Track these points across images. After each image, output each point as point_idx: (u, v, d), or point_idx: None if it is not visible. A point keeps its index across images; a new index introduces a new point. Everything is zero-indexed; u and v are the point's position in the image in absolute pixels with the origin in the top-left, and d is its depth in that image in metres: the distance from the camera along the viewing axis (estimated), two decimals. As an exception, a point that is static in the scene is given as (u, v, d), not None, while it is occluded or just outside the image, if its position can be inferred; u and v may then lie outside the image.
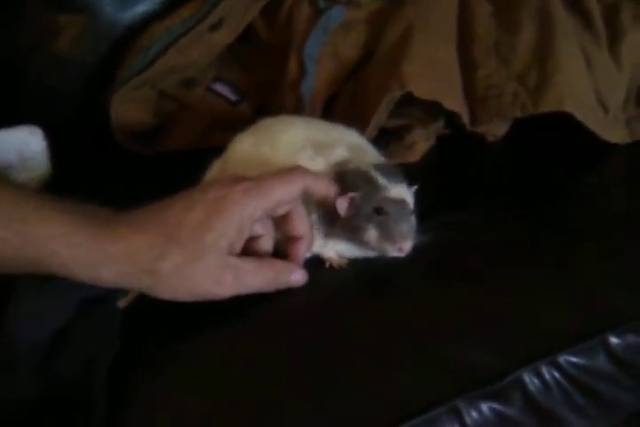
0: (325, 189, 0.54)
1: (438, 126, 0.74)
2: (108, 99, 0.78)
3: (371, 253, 0.57)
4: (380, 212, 0.54)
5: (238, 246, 0.51)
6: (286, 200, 0.52)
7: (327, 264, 0.58)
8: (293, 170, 0.52)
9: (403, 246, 0.54)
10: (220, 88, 0.82)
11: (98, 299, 0.53)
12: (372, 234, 0.54)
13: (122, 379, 0.51)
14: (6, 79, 0.85)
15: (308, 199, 0.56)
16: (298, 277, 0.54)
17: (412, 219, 0.55)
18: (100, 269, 0.48)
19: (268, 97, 0.80)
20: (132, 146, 0.80)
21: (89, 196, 0.52)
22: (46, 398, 0.49)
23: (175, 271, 0.49)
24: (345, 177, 0.55)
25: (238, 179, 0.51)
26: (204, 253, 0.49)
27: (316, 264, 0.57)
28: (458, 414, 0.47)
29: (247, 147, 0.61)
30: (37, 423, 0.49)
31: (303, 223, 0.55)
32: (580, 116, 0.66)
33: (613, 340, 0.52)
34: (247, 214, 0.50)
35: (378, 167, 0.56)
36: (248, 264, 0.51)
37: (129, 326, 0.54)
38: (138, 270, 0.49)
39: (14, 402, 0.49)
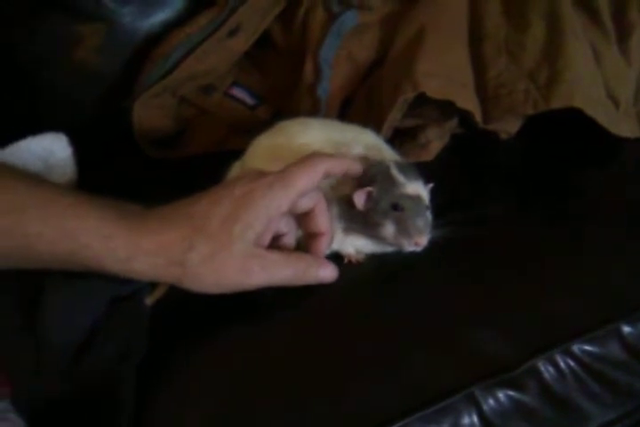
0: (347, 166, 0.55)
1: (452, 125, 0.76)
2: (130, 106, 0.81)
3: (388, 249, 0.59)
4: (397, 207, 0.56)
5: (266, 239, 0.53)
6: (311, 187, 0.53)
7: (346, 260, 0.59)
8: (311, 157, 0.54)
9: (419, 241, 0.56)
10: (238, 93, 0.84)
11: (126, 297, 0.55)
12: (389, 229, 0.56)
13: (150, 377, 0.53)
14: (29, 88, 0.87)
15: (327, 195, 0.58)
16: (328, 272, 0.55)
17: (428, 214, 0.57)
18: (132, 261, 0.50)
19: (285, 101, 0.81)
20: (153, 151, 0.82)
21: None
22: (76, 396, 0.51)
23: (203, 262, 0.50)
24: (364, 171, 0.57)
25: (262, 173, 0.53)
26: (231, 244, 0.50)
27: (335, 260, 0.58)
28: (475, 402, 0.48)
29: (265, 149, 0.63)
30: (66, 421, 0.51)
31: (326, 220, 0.56)
32: (589, 111, 0.67)
33: (626, 328, 0.53)
34: (274, 206, 0.51)
35: (395, 164, 0.58)
36: (276, 255, 0.53)
37: (157, 324, 0.56)
38: (168, 262, 0.50)
39: (44, 400, 0.51)
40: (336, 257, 0.59)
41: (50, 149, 0.75)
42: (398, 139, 0.74)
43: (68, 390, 0.51)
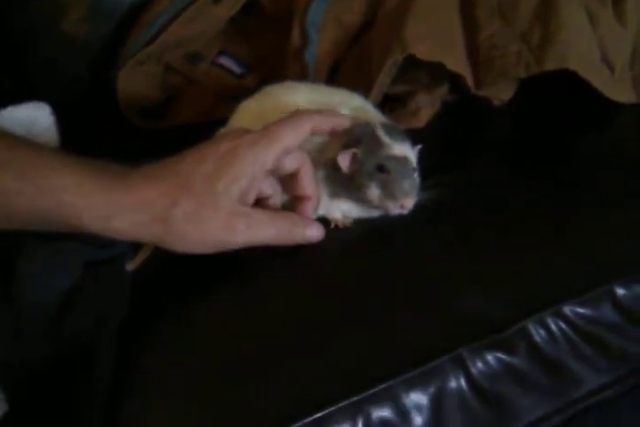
0: (334, 123, 0.54)
1: (443, 92, 0.74)
2: (115, 75, 0.79)
3: (375, 213, 0.57)
4: (382, 169, 0.54)
5: (250, 198, 0.52)
6: (296, 143, 0.52)
7: (332, 225, 0.58)
8: (297, 113, 0.53)
9: (405, 204, 0.54)
10: (225, 61, 0.82)
11: (106, 261, 0.54)
12: (374, 191, 0.55)
13: (129, 341, 0.52)
14: (13, 59, 0.86)
15: (313, 159, 0.56)
16: (314, 231, 0.54)
17: (415, 177, 0.56)
18: (113, 219, 0.49)
19: (273, 69, 0.80)
20: (139, 121, 0.80)
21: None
22: (55, 357, 0.50)
23: (187, 218, 0.49)
24: (350, 132, 0.55)
25: (247, 131, 0.52)
26: (215, 200, 0.49)
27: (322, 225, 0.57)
28: (462, 364, 0.47)
29: (252, 111, 0.62)
30: (45, 381, 0.50)
31: (311, 182, 0.55)
32: (584, 73, 0.66)
33: (620, 290, 0.51)
34: (259, 163, 0.50)
35: (382, 125, 0.56)
36: (261, 214, 0.52)
37: (139, 288, 0.55)
38: (151, 219, 0.49)
39: (23, 360, 0.50)
40: (323, 222, 0.58)
41: (32, 118, 0.74)
42: (388, 105, 0.73)
43: (47, 352, 0.50)
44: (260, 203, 0.55)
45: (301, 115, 0.53)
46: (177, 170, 0.51)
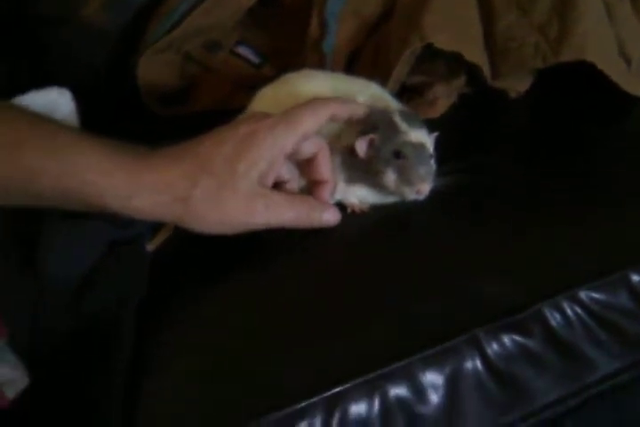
0: (351, 110, 0.55)
1: (460, 83, 0.74)
2: (136, 63, 0.80)
3: (391, 199, 0.58)
4: (399, 155, 0.55)
5: (269, 180, 0.53)
6: (315, 129, 0.53)
7: (349, 210, 0.59)
8: (316, 100, 0.54)
9: (421, 189, 0.55)
10: (243, 51, 0.83)
11: (127, 241, 0.54)
12: (390, 177, 0.55)
13: (148, 319, 0.53)
14: (35, 47, 0.87)
15: (330, 145, 0.57)
16: (331, 215, 0.55)
17: (432, 163, 0.56)
18: (134, 199, 0.49)
19: (291, 58, 0.80)
20: (158, 108, 0.81)
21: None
22: (75, 333, 0.51)
23: (207, 199, 0.50)
24: (367, 118, 0.56)
25: (267, 115, 0.53)
26: (234, 182, 0.50)
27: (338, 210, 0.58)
28: (478, 344, 0.47)
29: (270, 98, 0.63)
30: (66, 356, 0.50)
31: (328, 167, 0.56)
32: (601, 65, 0.66)
33: (635, 277, 0.51)
34: (278, 146, 0.51)
35: (399, 112, 0.57)
36: (280, 196, 0.53)
37: (156, 269, 0.55)
38: (171, 199, 0.50)
39: (44, 334, 0.50)
40: (339, 207, 0.58)
41: (53, 103, 0.75)
42: (406, 96, 0.73)
43: (65, 328, 0.51)
44: (277, 187, 0.55)
45: (320, 101, 0.54)
46: (197, 152, 0.51)
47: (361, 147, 0.55)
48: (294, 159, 0.56)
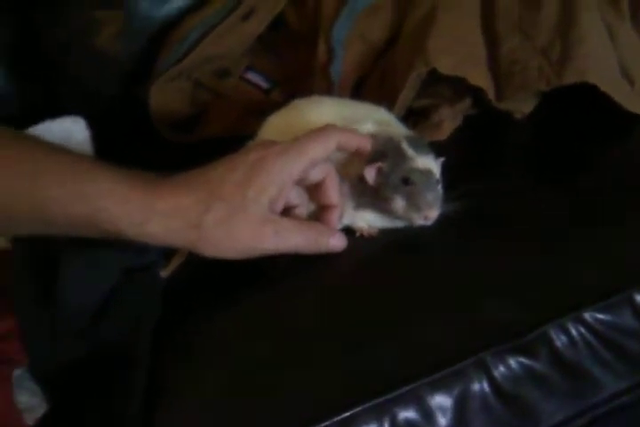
0: (359, 142, 0.56)
1: (465, 105, 0.76)
2: (147, 90, 0.82)
3: (399, 223, 0.59)
4: (407, 182, 0.56)
5: (279, 206, 0.54)
6: (323, 156, 0.54)
7: (358, 234, 0.60)
8: (325, 128, 0.55)
9: (428, 215, 0.56)
10: (253, 77, 0.85)
11: (141, 268, 0.56)
12: (399, 203, 0.56)
13: (163, 344, 0.54)
14: (49, 74, 0.89)
15: (338, 171, 0.58)
16: (338, 241, 0.56)
17: (439, 188, 0.57)
18: (148, 225, 0.51)
19: (300, 83, 0.82)
20: (170, 135, 0.83)
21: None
22: (92, 358, 0.52)
23: (219, 225, 0.51)
24: (375, 146, 0.57)
25: (275, 142, 0.54)
26: (245, 208, 0.52)
27: (348, 234, 0.59)
28: (485, 367, 0.48)
29: (279, 125, 0.64)
30: (83, 381, 0.52)
31: (336, 192, 0.57)
32: (603, 86, 0.67)
33: (639, 297, 0.52)
34: (287, 172, 0.53)
35: (406, 139, 0.58)
36: (289, 222, 0.54)
37: (170, 294, 0.57)
38: (184, 225, 0.51)
39: (60, 366, 0.53)
40: (349, 231, 0.60)
41: (68, 132, 0.77)
42: (412, 119, 0.75)
43: (83, 353, 0.52)
44: (286, 212, 0.57)
45: (329, 130, 0.55)
46: (209, 178, 0.53)
47: (370, 174, 0.57)
48: (303, 184, 0.57)
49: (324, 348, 0.50)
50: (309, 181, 0.56)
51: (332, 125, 0.56)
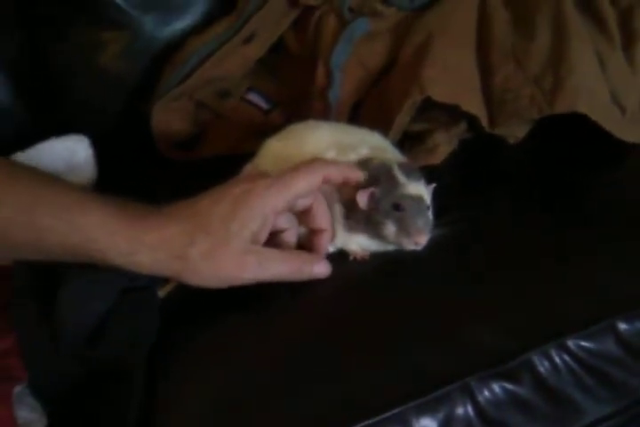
0: (346, 174, 0.57)
1: (460, 130, 0.77)
2: (149, 110, 0.84)
3: (390, 247, 0.60)
4: (398, 208, 0.58)
5: (262, 237, 0.55)
6: (308, 191, 0.56)
7: (351, 257, 0.61)
8: (312, 162, 0.56)
9: (419, 240, 0.58)
10: (253, 97, 0.87)
11: (138, 289, 0.57)
12: (390, 229, 0.58)
13: (159, 363, 0.56)
14: (53, 93, 0.91)
15: (332, 195, 0.60)
16: (322, 268, 0.57)
17: (429, 214, 0.59)
18: (135, 255, 0.53)
19: (299, 105, 0.84)
20: (171, 153, 0.85)
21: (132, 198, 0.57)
22: (89, 380, 0.54)
23: (203, 257, 0.53)
24: (368, 172, 0.59)
25: (263, 175, 0.56)
26: (228, 241, 0.53)
27: (340, 257, 0.61)
28: (470, 392, 0.50)
29: (276, 149, 0.66)
30: (82, 396, 0.54)
31: (325, 216, 0.59)
32: (594, 116, 0.69)
33: (622, 325, 0.54)
34: (270, 206, 0.54)
35: (398, 165, 0.60)
36: (271, 252, 0.56)
37: (167, 315, 0.58)
38: (170, 256, 0.53)
39: (59, 384, 0.55)
40: (341, 254, 0.61)
41: (72, 150, 0.79)
42: (407, 143, 0.76)
43: (81, 373, 0.54)
44: (276, 236, 0.58)
45: (316, 164, 0.56)
46: (195, 210, 0.55)
47: (362, 199, 0.58)
48: (291, 210, 0.58)
49: (310, 372, 0.51)
50: (296, 208, 0.58)
51: (319, 160, 0.57)
